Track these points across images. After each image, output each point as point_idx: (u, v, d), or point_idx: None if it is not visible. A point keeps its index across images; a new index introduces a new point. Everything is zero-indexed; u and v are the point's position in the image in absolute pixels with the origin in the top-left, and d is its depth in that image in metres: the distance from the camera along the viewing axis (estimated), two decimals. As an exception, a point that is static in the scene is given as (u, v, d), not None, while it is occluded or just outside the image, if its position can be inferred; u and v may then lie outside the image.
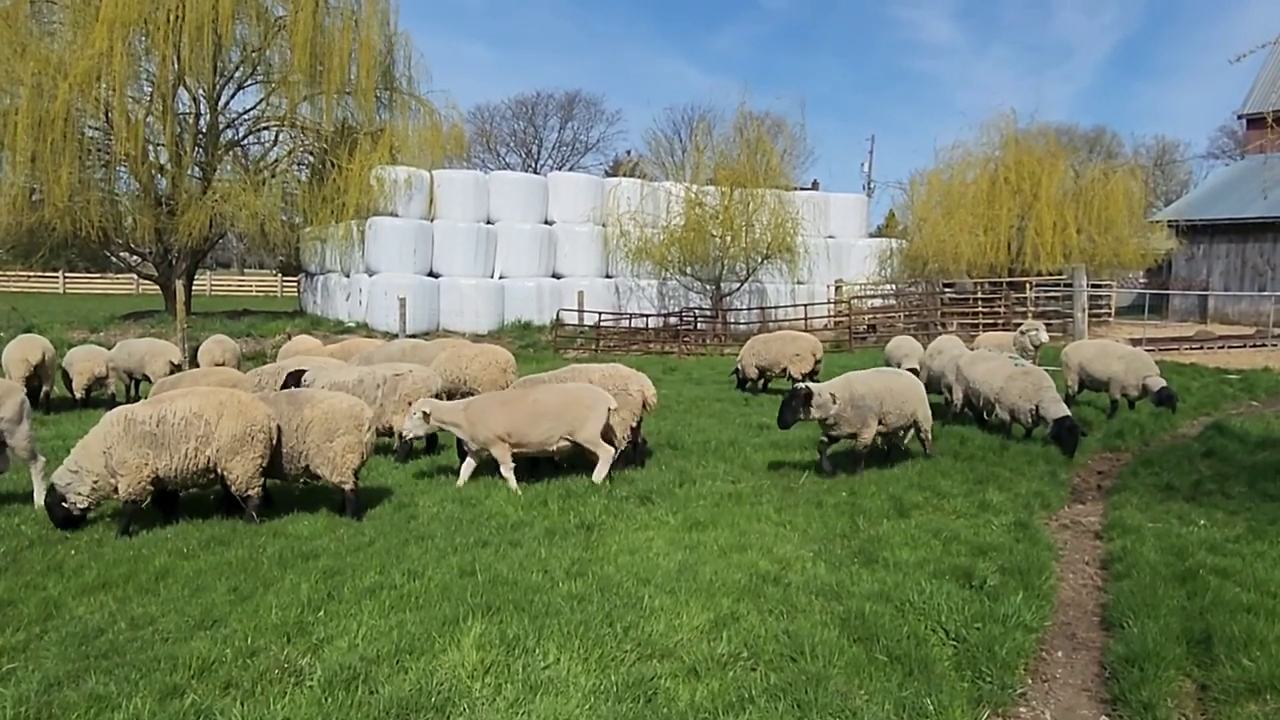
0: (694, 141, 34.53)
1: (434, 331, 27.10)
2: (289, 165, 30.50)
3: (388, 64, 30.50)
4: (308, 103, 29.32)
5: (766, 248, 30.50)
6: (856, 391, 9.48)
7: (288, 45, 28.23)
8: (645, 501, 8.33)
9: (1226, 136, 61.91)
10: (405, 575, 6.21)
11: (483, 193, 30.74)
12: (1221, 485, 9.31)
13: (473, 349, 13.34)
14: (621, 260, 31.25)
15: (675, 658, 4.99)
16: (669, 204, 30.96)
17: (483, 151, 68.68)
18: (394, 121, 30.71)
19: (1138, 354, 13.61)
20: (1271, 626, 5.26)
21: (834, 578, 6.30)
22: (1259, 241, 34.15)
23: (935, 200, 34.56)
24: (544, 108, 71.85)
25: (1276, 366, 20.35)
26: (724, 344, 28.22)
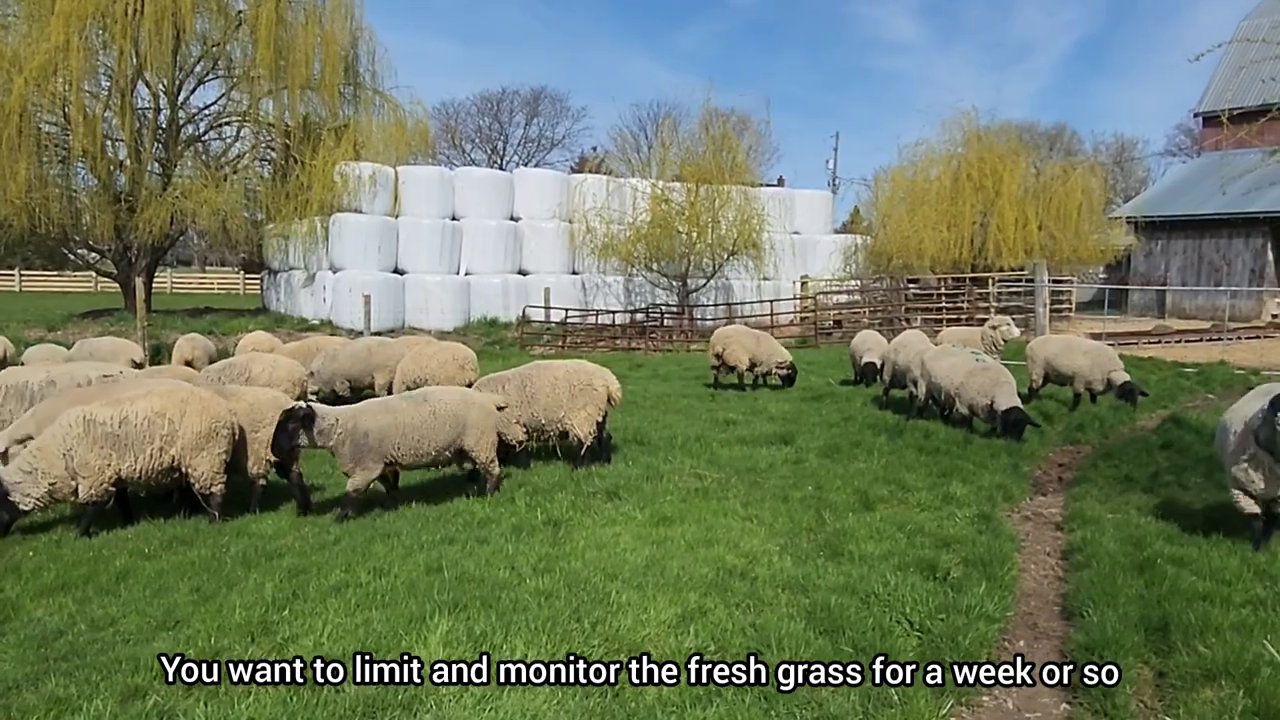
0: (660, 138, 34.62)
1: (399, 329, 26.92)
2: (251, 161, 30.12)
3: (352, 59, 30.21)
4: (270, 98, 29.00)
5: (732, 244, 30.63)
6: (361, 426, 7.85)
7: (250, 40, 27.90)
8: (612, 497, 8.34)
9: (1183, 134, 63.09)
10: (371, 573, 6.17)
11: (448, 189, 30.58)
12: (1178, 476, 9.47)
13: (434, 347, 13.29)
14: (588, 257, 31.23)
15: (642, 652, 5.00)
16: (635, 200, 30.99)
17: (448, 148, 68.31)
18: (358, 117, 30.45)
19: (1103, 349, 13.79)
20: (1226, 614, 5.37)
21: (800, 571, 6.34)
22: (1215, 237, 34.77)
23: (899, 197, 34.90)
24: (509, 104, 71.59)
25: (1232, 360, 20.73)
26: (690, 340, 28.29)
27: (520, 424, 9.67)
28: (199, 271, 68.13)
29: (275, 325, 26.17)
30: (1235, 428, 6.55)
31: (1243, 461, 6.22)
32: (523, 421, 9.67)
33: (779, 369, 16.57)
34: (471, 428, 8.35)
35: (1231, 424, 6.66)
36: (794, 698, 4.49)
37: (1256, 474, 6.28)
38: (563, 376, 9.76)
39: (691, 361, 23.24)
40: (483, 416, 8.49)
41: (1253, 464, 6.19)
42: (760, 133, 35.76)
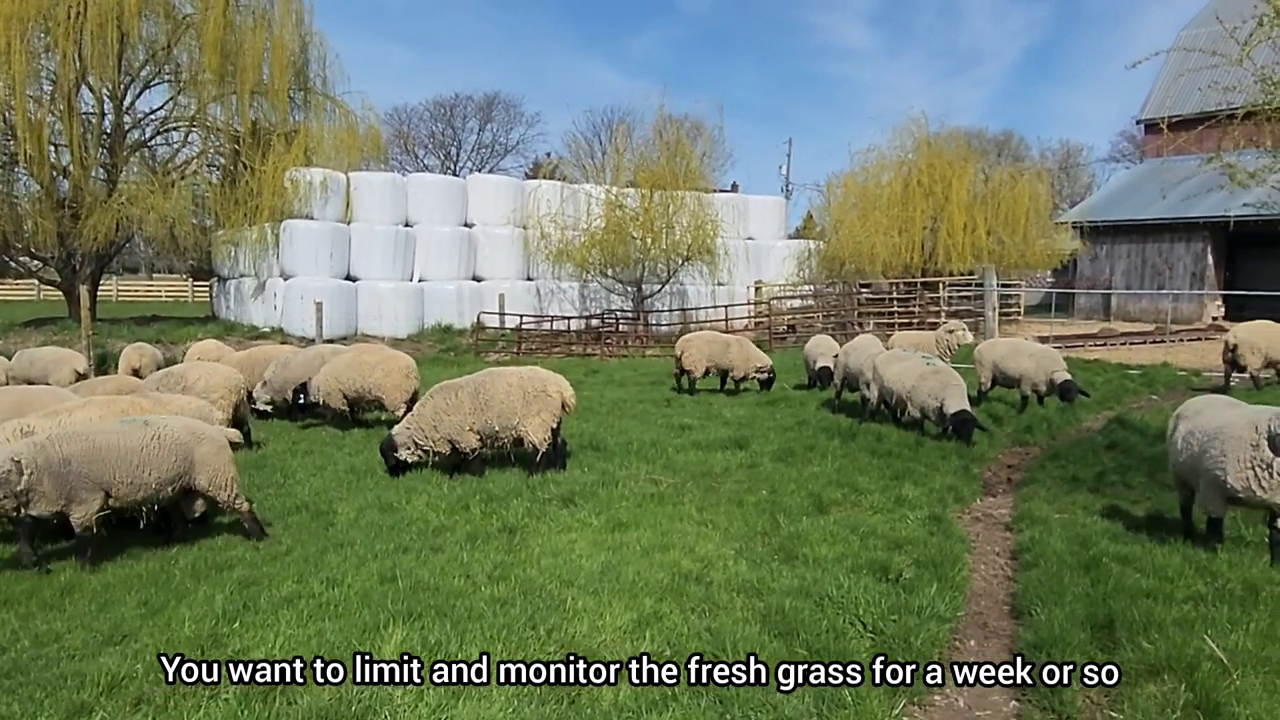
0: (614, 144, 34.64)
1: (352, 336, 26.68)
2: (199, 167, 29.70)
3: (301, 64, 29.93)
4: (218, 103, 28.63)
5: (687, 249, 30.73)
6: (55, 456, 6.79)
7: (196, 44, 27.53)
8: (568, 503, 8.33)
9: (1126, 141, 64.32)
10: (324, 583, 6.11)
11: (400, 195, 30.35)
12: (1123, 476, 9.67)
13: (375, 355, 13.16)
14: (542, 263, 31.17)
15: (598, 658, 5.01)
16: (589, 206, 31.00)
17: (400, 153, 67.72)
18: (309, 123, 30.16)
19: (1047, 351, 14.05)
20: (1169, 610, 5.49)
21: (755, 575, 6.38)
22: (1157, 241, 35.53)
23: (851, 202, 35.24)
24: (463, 110, 71.18)
25: (1174, 362, 21.21)
26: (646, 346, 28.34)
27: (474, 431, 9.63)
28: (146, 279, 66.77)
29: (225, 333, 25.81)
30: (1231, 435, 6.41)
31: (1248, 470, 6.23)
32: (477, 429, 9.63)
33: (758, 373, 16.64)
34: (203, 465, 7.43)
35: (1222, 434, 6.50)
36: (749, 700, 4.52)
37: (1265, 481, 6.20)
38: (517, 383, 9.73)
39: (647, 367, 23.27)
40: (215, 452, 7.54)
41: (1261, 471, 6.18)
42: (714, 138, 36.06)
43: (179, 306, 45.02)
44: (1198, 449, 6.65)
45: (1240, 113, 8.29)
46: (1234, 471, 6.27)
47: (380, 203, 29.68)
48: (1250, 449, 6.21)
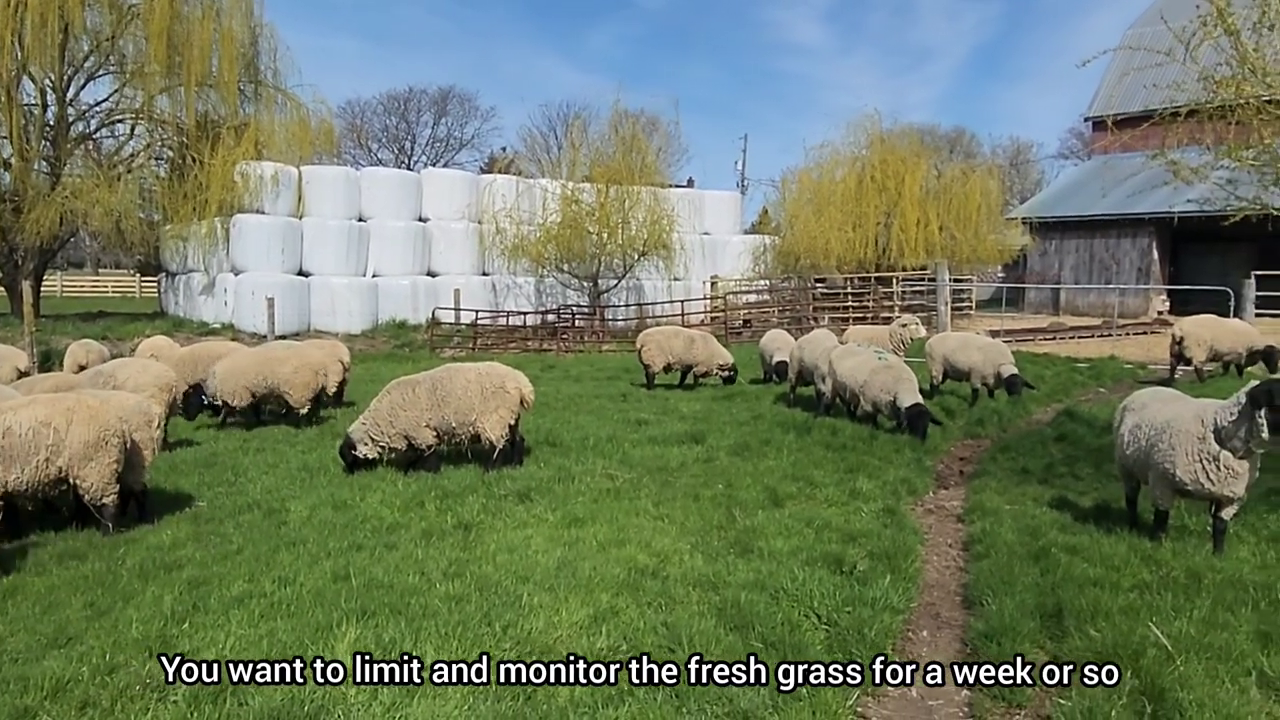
0: (570, 139, 34.59)
1: (305, 332, 26.36)
2: (146, 160, 29.12)
3: (251, 56, 29.44)
4: (166, 95, 28.07)
5: (643, 244, 30.77)
6: None
7: (142, 34, 26.95)
8: (524, 499, 8.30)
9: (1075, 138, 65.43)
10: (276, 583, 6.03)
11: (354, 189, 30.00)
12: (1071, 467, 9.85)
13: (284, 351, 13.03)
14: (498, 258, 31.00)
15: (554, 654, 5.00)
16: (545, 201, 30.88)
17: (354, 147, 67.03)
18: (259, 116, 29.67)
19: (996, 345, 14.27)
20: (1115, 598, 5.60)
21: (711, 569, 6.40)
22: (1105, 237, 36.18)
23: (806, 198, 35.52)
24: (417, 103, 70.62)
25: (1121, 355, 21.64)
26: (602, 341, 28.33)
27: (431, 428, 9.56)
28: (92, 274, 65.41)
29: (174, 329, 25.36)
30: (1179, 429, 6.49)
31: (1196, 464, 6.35)
32: (434, 425, 9.56)
33: (721, 370, 16.67)
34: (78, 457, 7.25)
35: (1170, 427, 6.58)
36: (705, 694, 4.54)
37: (1213, 473, 6.30)
38: (474, 379, 9.67)
39: (603, 362, 23.28)
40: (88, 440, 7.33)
41: (1209, 463, 6.28)
42: (669, 134, 36.18)
43: (126, 302, 44.15)
44: (1146, 442, 6.78)
45: (1184, 111, 8.47)
46: (1182, 465, 6.40)
47: (333, 197, 29.31)
48: (1197, 442, 6.35)
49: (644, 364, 16.86)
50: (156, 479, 9.44)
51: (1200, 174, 8.25)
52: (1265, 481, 8.47)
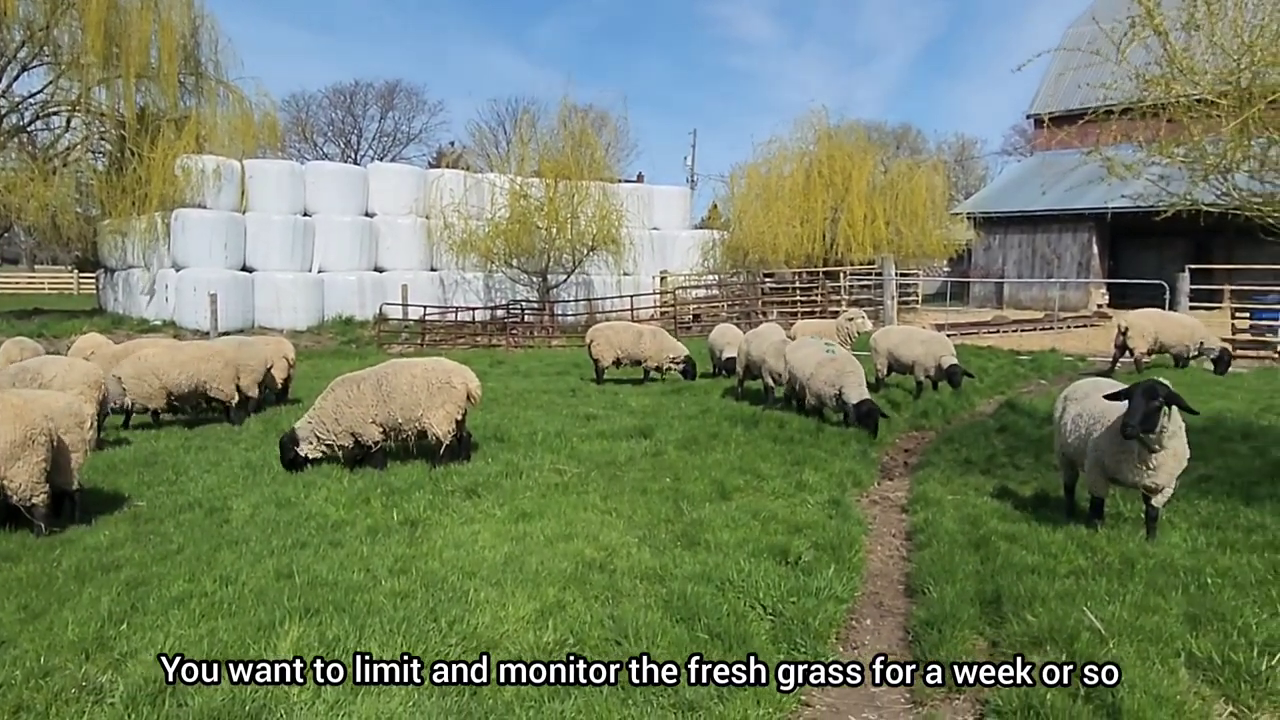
0: (518, 133, 34.35)
1: (249, 328, 25.94)
2: (84, 153, 28.51)
3: (192, 48, 28.93)
4: (104, 87, 27.48)
5: (592, 239, 30.75)
6: None
7: (79, 25, 26.34)
8: (471, 495, 8.27)
9: (1018, 134, 66.52)
10: (217, 582, 5.94)
11: (299, 183, 29.58)
12: (1012, 458, 10.05)
13: (198, 350, 12.88)
14: (446, 253, 30.78)
15: (500, 649, 4.99)
16: (494, 196, 30.72)
17: (299, 141, 66.15)
18: (201, 108, 29.20)
19: (938, 337, 14.52)
20: (1052, 584, 5.73)
21: (658, 562, 6.43)
22: (1046, 232, 36.88)
23: (754, 193, 35.74)
24: (363, 97, 69.81)
25: (1062, 347, 22.10)
26: (551, 336, 28.27)
27: (377, 424, 9.47)
28: (27, 270, 63.80)
29: (113, 326, 24.87)
30: (1109, 420, 6.66)
31: (1121, 453, 6.47)
32: (380, 421, 9.47)
33: (674, 363, 16.66)
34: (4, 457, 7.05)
35: (1105, 417, 6.75)
36: (650, 686, 4.56)
37: (1132, 463, 6.45)
38: (420, 375, 9.59)
39: (553, 357, 23.23)
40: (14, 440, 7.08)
41: (1129, 454, 6.42)
42: (619, 129, 36.21)
43: (64, 299, 43.10)
44: (1084, 431, 6.94)
45: (1117, 109, 8.67)
46: (1109, 454, 6.56)
47: (278, 191, 28.88)
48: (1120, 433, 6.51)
49: (593, 359, 16.88)
50: (94, 479, 9.25)
51: (1134, 171, 8.44)
52: (1197, 469, 8.73)
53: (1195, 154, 7.96)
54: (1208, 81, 7.62)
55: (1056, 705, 4.29)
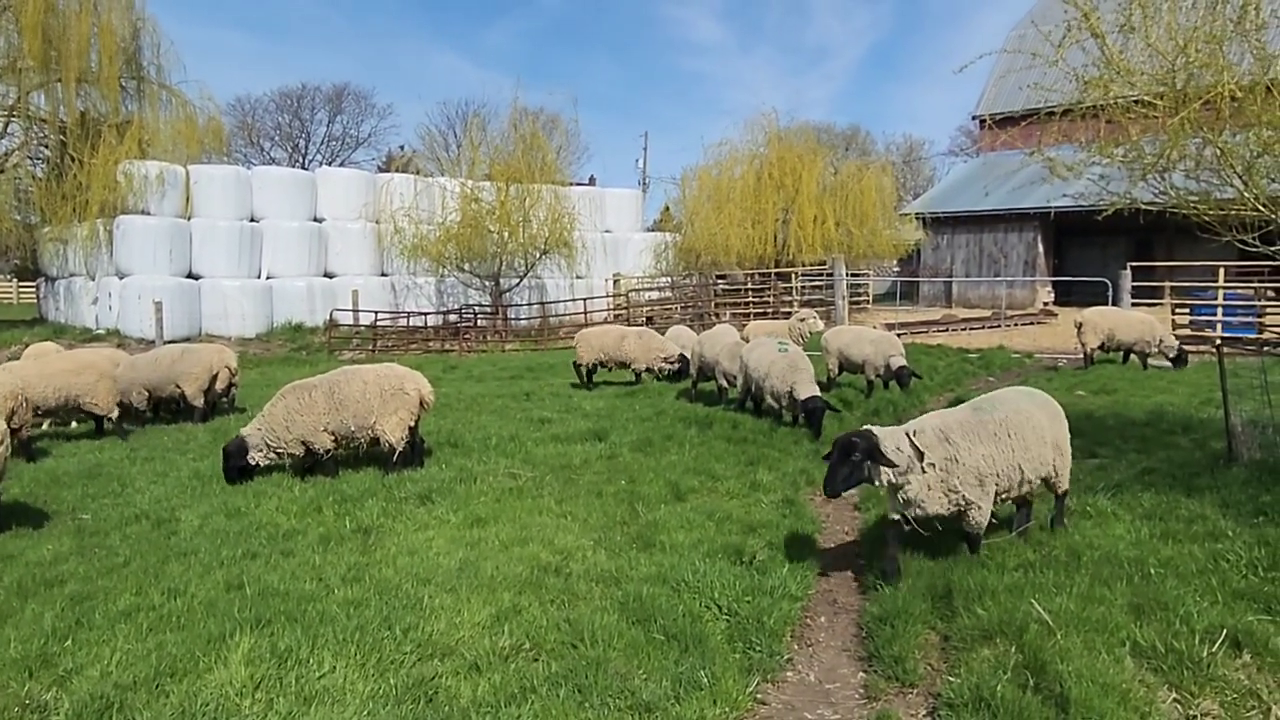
0: (469, 137, 34.18)
1: (196, 336, 25.53)
2: (22, 159, 27.84)
3: (133, 51, 28.44)
4: (42, 92, 26.92)
5: (545, 243, 30.71)
6: None
7: (15, 28, 25.80)
8: (425, 501, 8.21)
9: (965, 136, 67.44)
10: (165, 594, 5.84)
11: (245, 189, 29.16)
12: (962, 454, 10.17)
13: (89, 356, 12.64)
14: (397, 258, 30.56)
15: (456, 655, 4.97)
16: (444, 200, 30.54)
17: (245, 146, 65.15)
18: (143, 113, 28.68)
19: (887, 337, 14.67)
20: (1001, 578, 5.82)
21: (613, 564, 6.44)
22: (993, 231, 37.44)
23: (706, 195, 35.89)
24: (311, 101, 68.91)
25: (1009, 345, 22.47)
26: (505, 340, 28.15)
27: (329, 432, 9.36)
28: (-36, 280, 62.19)
29: (55, 335, 24.32)
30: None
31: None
32: (332, 429, 9.37)
33: (666, 363, 16.52)
34: None
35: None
36: (607, 688, 4.57)
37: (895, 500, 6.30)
38: (373, 381, 9.51)
39: (506, 362, 23.14)
40: None
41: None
42: (570, 132, 36.16)
43: (3, 309, 42.10)
44: None
45: (1058, 111, 8.85)
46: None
47: (224, 197, 28.45)
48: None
49: (576, 363, 16.84)
50: (36, 491, 9.06)
51: (1075, 171, 8.61)
52: (1140, 461, 8.94)
53: (1134, 154, 8.14)
54: (1144, 83, 7.80)
55: (1007, 697, 4.37)
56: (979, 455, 6.18)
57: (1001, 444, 6.30)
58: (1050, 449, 6.60)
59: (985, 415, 6.41)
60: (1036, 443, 6.45)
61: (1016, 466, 6.31)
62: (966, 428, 6.29)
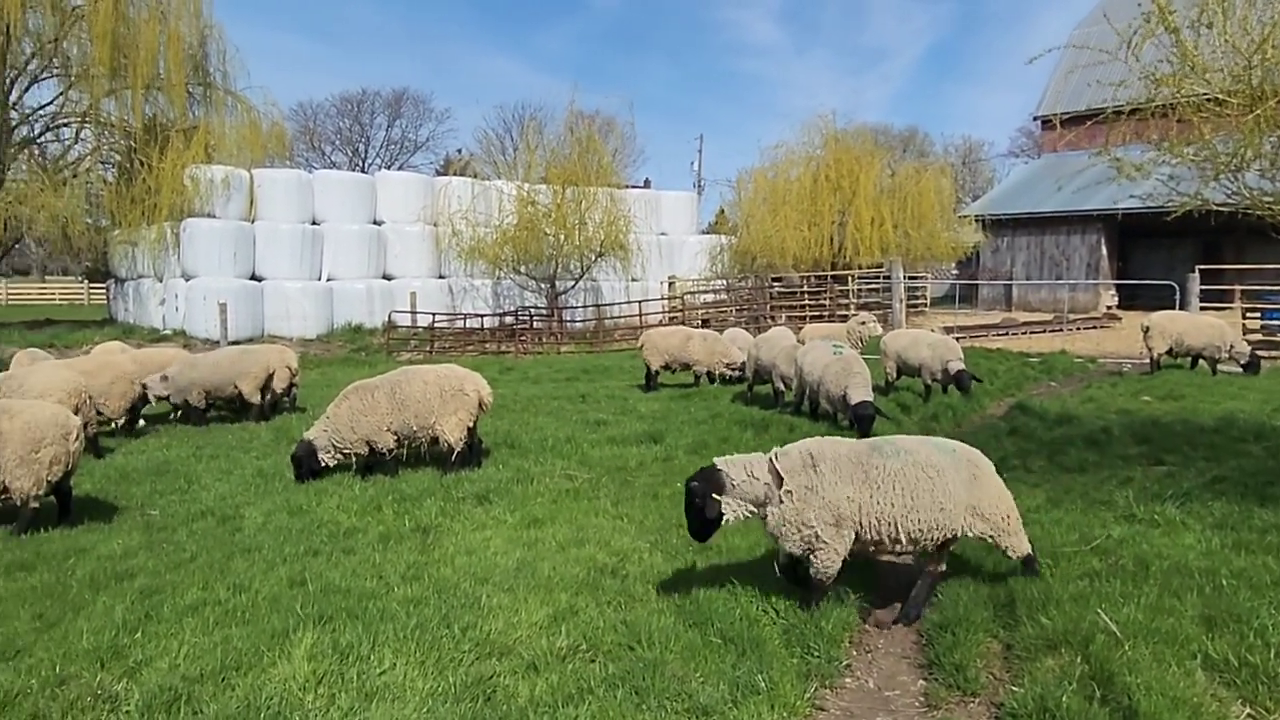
0: (525, 140, 34.46)
1: (259, 337, 26.04)
2: (93, 164, 28.68)
3: (200, 58, 29.07)
4: (112, 98, 27.61)
5: (600, 245, 30.78)
6: None
7: (87, 37, 26.51)
8: (483, 501, 8.28)
9: (1025, 136, 66.35)
10: (230, 589, 5.96)
11: (307, 192, 29.68)
12: (1024, 460, 9.98)
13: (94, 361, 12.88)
14: (454, 260, 30.85)
15: (514, 655, 5.00)
16: (501, 203, 30.76)
17: (307, 150, 66.40)
18: (209, 118, 29.30)
19: (945, 341, 14.44)
20: (1065, 587, 5.70)
21: (670, 566, 6.43)
22: (1054, 234, 36.76)
23: (761, 197, 35.74)
24: (371, 105, 70.08)
25: (1072, 349, 22.03)
26: (560, 342, 28.29)
27: (392, 431, 9.49)
28: (38, 281, 64.14)
29: (124, 336, 24.92)
30: None
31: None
32: (394, 429, 9.49)
33: (728, 368, 16.47)
34: None
35: None
36: (664, 690, 4.55)
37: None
38: (433, 381, 9.62)
39: (562, 363, 23.25)
40: None
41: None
42: (625, 134, 36.23)
43: (74, 310, 43.34)
44: None
45: (1127, 109, 8.63)
46: None
47: (286, 200, 28.99)
48: None
49: (645, 363, 16.86)
50: (107, 487, 9.31)
51: (1143, 171, 8.39)
52: (1209, 469, 8.70)
53: (1206, 153, 7.92)
54: (1219, 80, 7.58)
55: (1073, 708, 4.27)
56: (843, 495, 5.51)
57: (879, 493, 5.55)
58: (959, 512, 5.66)
59: (875, 458, 5.67)
60: (928, 505, 5.56)
61: (891, 522, 5.55)
62: (841, 462, 5.62)
